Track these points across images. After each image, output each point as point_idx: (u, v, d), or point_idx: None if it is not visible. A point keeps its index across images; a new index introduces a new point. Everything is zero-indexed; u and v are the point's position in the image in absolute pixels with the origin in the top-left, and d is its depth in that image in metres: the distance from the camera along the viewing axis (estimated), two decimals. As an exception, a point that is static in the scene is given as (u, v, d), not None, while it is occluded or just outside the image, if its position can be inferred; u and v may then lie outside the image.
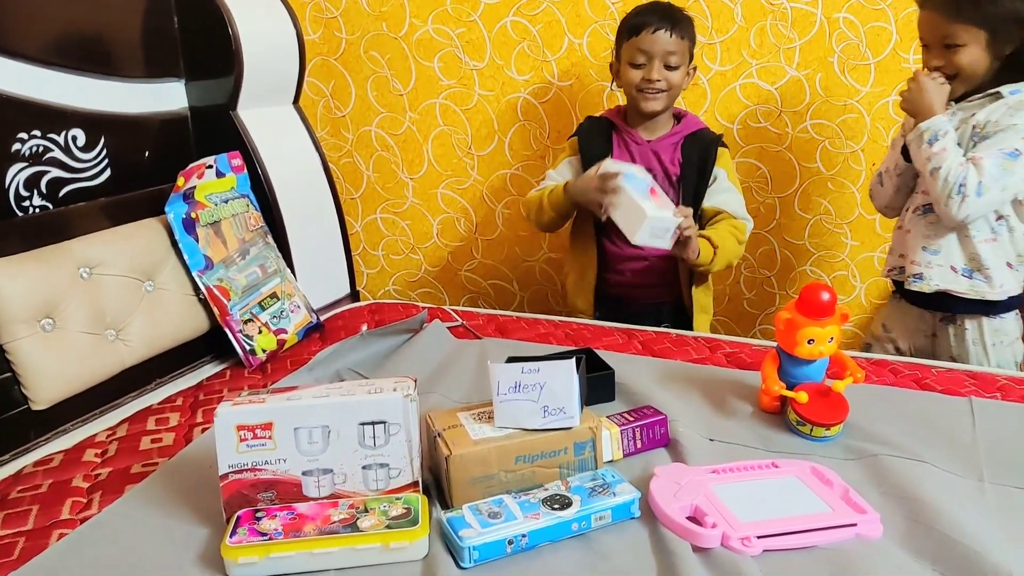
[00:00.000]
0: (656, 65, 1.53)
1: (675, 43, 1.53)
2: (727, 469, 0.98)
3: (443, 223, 2.24)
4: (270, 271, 1.50)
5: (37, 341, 1.17)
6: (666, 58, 1.53)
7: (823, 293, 1.10)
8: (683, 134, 1.62)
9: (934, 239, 1.45)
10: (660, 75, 1.53)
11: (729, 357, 1.40)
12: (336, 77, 2.16)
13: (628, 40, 1.56)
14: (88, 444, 1.14)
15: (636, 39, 1.54)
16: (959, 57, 1.38)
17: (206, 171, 1.44)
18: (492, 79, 2.04)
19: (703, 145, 1.60)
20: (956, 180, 1.34)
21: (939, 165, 1.35)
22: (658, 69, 1.53)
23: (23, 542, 0.90)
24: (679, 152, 1.60)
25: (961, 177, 1.33)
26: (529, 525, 0.85)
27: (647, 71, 1.54)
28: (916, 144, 1.39)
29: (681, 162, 1.59)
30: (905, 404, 1.18)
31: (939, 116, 1.37)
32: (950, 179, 1.34)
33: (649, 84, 1.54)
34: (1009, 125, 1.36)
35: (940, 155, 1.35)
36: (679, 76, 1.56)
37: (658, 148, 1.61)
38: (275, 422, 0.88)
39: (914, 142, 1.40)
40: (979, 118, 1.39)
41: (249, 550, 0.82)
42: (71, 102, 1.36)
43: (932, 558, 0.83)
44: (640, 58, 1.54)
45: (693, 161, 1.58)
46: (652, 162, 1.60)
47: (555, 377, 0.93)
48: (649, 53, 1.53)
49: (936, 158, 1.36)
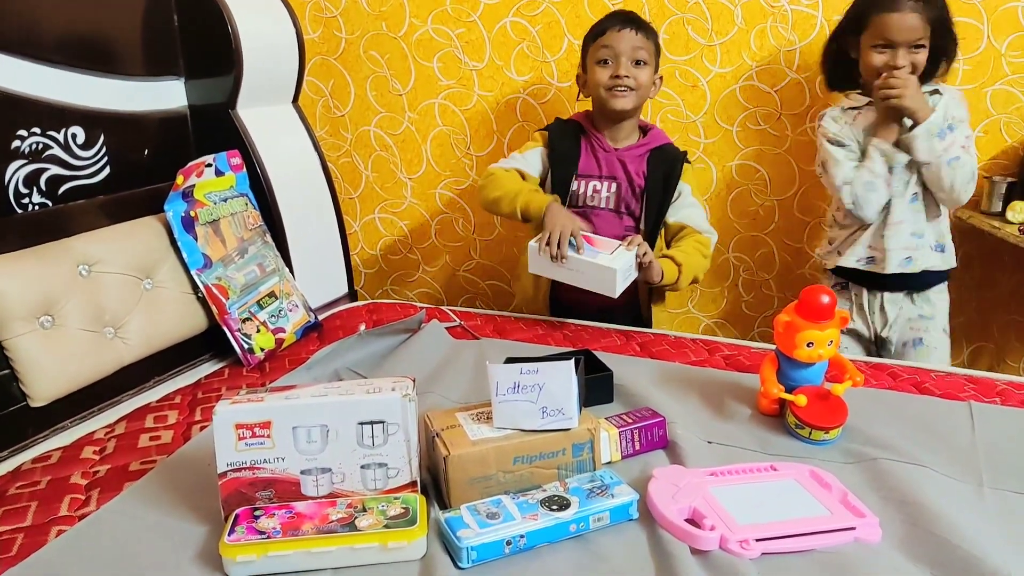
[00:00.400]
0: (623, 62, 1.54)
1: (641, 40, 1.55)
2: (726, 472, 0.98)
3: (441, 223, 2.24)
4: (268, 270, 1.50)
5: (36, 338, 1.17)
6: (634, 53, 1.54)
7: (823, 296, 1.10)
8: (650, 147, 1.63)
9: (920, 224, 1.59)
10: (628, 71, 1.54)
11: (728, 360, 1.40)
12: (335, 76, 2.16)
13: (594, 42, 1.58)
14: (87, 441, 1.14)
15: (602, 38, 1.56)
16: (919, 56, 1.50)
17: (205, 170, 1.44)
18: (491, 79, 2.04)
19: (668, 160, 1.61)
20: (970, 167, 1.50)
21: (956, 155, 1.49)
22: (626, 65, 1.54)
23: (22, 538, 0.90)
24: (645, 165, 1.61)
25: (969, 160, 1.51)
26: (527, 526, 0.85)
27: (615, 67, 1.55)
28: (926, 139, 1.49)
29: (647, 175, 1.60)
30: (904, 408, 1.19)
31: (933, 112, 1.49)
32: (967, 166, 1.50)
33: (618, 80, 1.54)
34: (963, 115, 1.56)
35: (953, 147, 1.49)
36: (647, 75, 1.57)
37: (624, 158, 1.62)
38: (274, 421, 0.88)
39: (922, 137, 1.49)
40: (939, 114, 1.53)
41: (247, 548, 0.81)
42: (71, 100, 1.36)
43: (931, 562, 0.83)
44: (606, 54, 1.55)
45: (658, 175, 1.59)
46: (618, 171, 1.61)
47: (554, 378, 0.93)
48: (616, 50, 1.54)
49: (951, 149, 1.49)
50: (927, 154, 1.50)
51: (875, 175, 1.55)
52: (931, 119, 1.48)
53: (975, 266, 1.92)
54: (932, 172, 1.52)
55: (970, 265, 1.92)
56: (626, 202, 1.60)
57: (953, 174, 1.50)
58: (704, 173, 1.99)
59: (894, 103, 1.49)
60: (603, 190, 1.61)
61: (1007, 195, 1.75)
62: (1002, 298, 1.94)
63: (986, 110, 1.78)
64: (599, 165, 1.62)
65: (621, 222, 1.61)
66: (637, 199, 1.60)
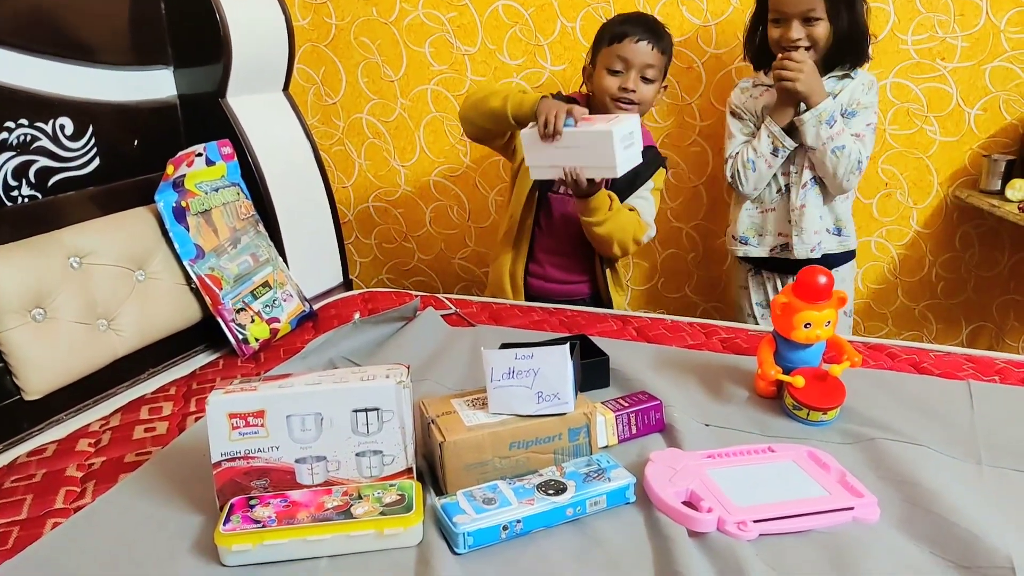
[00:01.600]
0: (634, 75, 1.54)
1: (655, 56, 1.54)
2: (723, 454, 0.97)
3: (436, 211, 2.23)
4: (262, 260, 1.49)
5: (28, 331, 1.16)
6: (644, 70, 1.54)
7: (820, 276, 1.09)
8: None
9: (821, 208, 1.62)
10: (636, 86, 1.54)
11: (725, 343, 1.40)
12: (326, 63, 2.14)
13: (609, 46, 1.55)
14: (81, 434, 1.13)
15: (618, 46, 1.53)
16: (816, 30, 1.50)
17: (196, 159, 1.43)
18: (484, 64, 2.02)
19: (645, 163, 1.57)
20: (856, 157, 1.52)
21: (842, 144, 1.50)
22: (635, 80, 1.54)
23: (17, 531, 0.89)
24: None
25: (857, 153, 1.52)
26: (524, 511, 0.84)
27: (624, 79, 1.54)
28: (814, 125, 1.50)
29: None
30: (902, 388, 1.18)
31: (828, 98, 1.50)
32: (852, 156, 1.51)
33: (625, 93, 1.54)
34: (869, 102, 1.57)
35: (841, 135, 1.50)
36: (653, 91, 1.57)
37: None
38: (267, 410, 0.87)
39: (810, 123, 1.50)
40: (843, 98, 1.55)
41: (243, 537, 0.81)
42: (58, 90, 1.34)
43: (929, 541, 0.83)
44: (619, 65, 1.54)
45: (629, 175, 1.55)
46: None
47: (549, 363, 0.93)
48: (628, 62, 1.53)
49: (839, 137, 1.50)
50: (813, 140, 1.51)
51: (757, 155, 1.58)
52: (822, 105, 1.48)
53: (974, 245, 1.91)
54: (817, 158, 1.54)
55: (969, 245, 1.91)
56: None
57: (836, 162, 1.51)
58: (700, 156, 1.98)
59: (787, 86, 1.49)
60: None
61: (1006, 173, 1.74)
62: (1001, 277, 1.93)
63: (985, 87, 1.77)
64: None
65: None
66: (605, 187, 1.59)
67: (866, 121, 1.57)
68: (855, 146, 1.52)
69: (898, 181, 1.89)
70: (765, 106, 1.61)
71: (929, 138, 1.84)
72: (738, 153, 1.62)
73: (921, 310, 2.01)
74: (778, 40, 1.53)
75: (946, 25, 1.75)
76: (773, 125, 1.55)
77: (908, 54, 1.79)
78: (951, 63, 1.77)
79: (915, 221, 1.92)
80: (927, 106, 1.82)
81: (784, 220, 1.64)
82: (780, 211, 1.65)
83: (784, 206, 1.64)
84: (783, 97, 1.53)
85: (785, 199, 1.64)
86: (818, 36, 1.50)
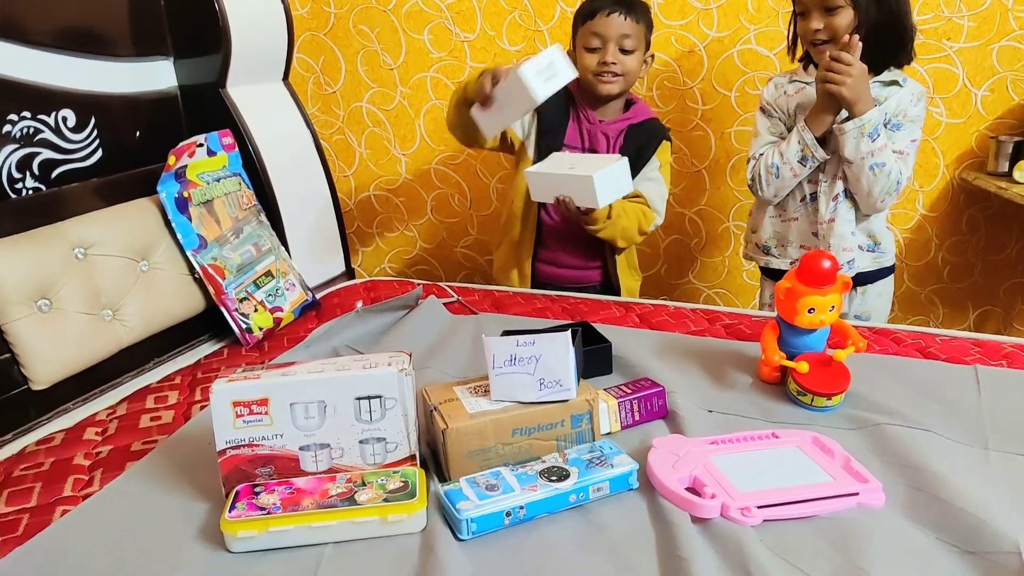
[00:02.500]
0: (611, 48, 1.52)
1: (630, 26, 1.52)
2: (726, 440, 0.97)
3: (437, 199, 2.22)
4: (264, 249, 1.49)
5: (34, 322, 1.17)
6: (621, 41, 1.52)
7: (824, 261, 1.08)
8: (630, 122, 1.62)
9: (853, 223, 1.49)
10: (615, 58, 1.53)
11: (728, 328, 1.39)
12: (326, 52, 2.13)
13: (583, 24, 1.55)
14: (88, 423, 1.14)
15: (591, 23, 1.53)
16: (838, 20, 1.37)
17: (197, 149, 1.42)
18: (484, 51, 2.01)
19: (648, 136, 1.60)
20: (895, 176, 1.39)
21: (883, 162, 1.37)
22: (613, 52, 1.52)
23: (27, 518, 0.90)
24: (622, 139, 1.61)
25: (898, 173, 1.40)
26: (527, 497, 0.84)
27: (602, 54, 1.53)
28: (855, 136, 1.36)
29: (621, 149, 1.60)
30: (908, 373, 1.17)
31: (875, 108, 1.36)
32: (891, 175, 1.39)
33: (605, 67, 1.53)
34: (916, 115, 1.43)
35: (883, 151, 1.37)
36: (635, 61, 1.55)
37: (607, 131, 1.62)
38: (271, 398, 0.87)
39: (852, 134, 1.36)
40: (890, 107, 1.42)
41: (248, 524, 0.82)
42: (60, 82, 1.34)
43: (935, 526, 0.82)
44: (595, 41, 1.53)
45: (631, 151, 1.57)
46: (600, 143, 1.63)
47: (551, 350, 0.93)
48: (604, 36, 1.52)
49: (879, 154, 1.37)
50: (852, 152, 1.38)
51: (784, 161, 1.45)
52: (867, 116, 1.35)
53: (981, 229, 1.90)
54: (853, 172, 1.41)
55: (976, 228, 1.90)
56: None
57: (873, 180, 1.38)
58: (702, 140, 1.97)
59: (832, 89, 1.34)
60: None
61: (1014, 155, 1.72)
62: (1009, 261, 1.92)
63: (992, 67, 1.75)
64: (582, 137, 1.63)
65: None
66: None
67: (911, 137, 1.43)
68: (896, 165, 1.38)
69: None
70: (799, 105, 1.48)
71: (935, 120, 1.82)
72: (763, 155, 1.49)
73: (927, 294, 2.00)
74: (803, 35, 1.43)
75: (952, 4, 1.73)
76: (807, 132, 1.41)
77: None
78: (957, 43, 1.75)
79: (921, 204, 1.91)
80: (933, 87, 1.80)
81: (808, 233, 1.52)
82: (804, 222, 1.52)
83: (809, 217, 1.51)
84: (824, 102, 1.38)
85: (811, 210, 1.50)
86: (840, 27, 1.36)
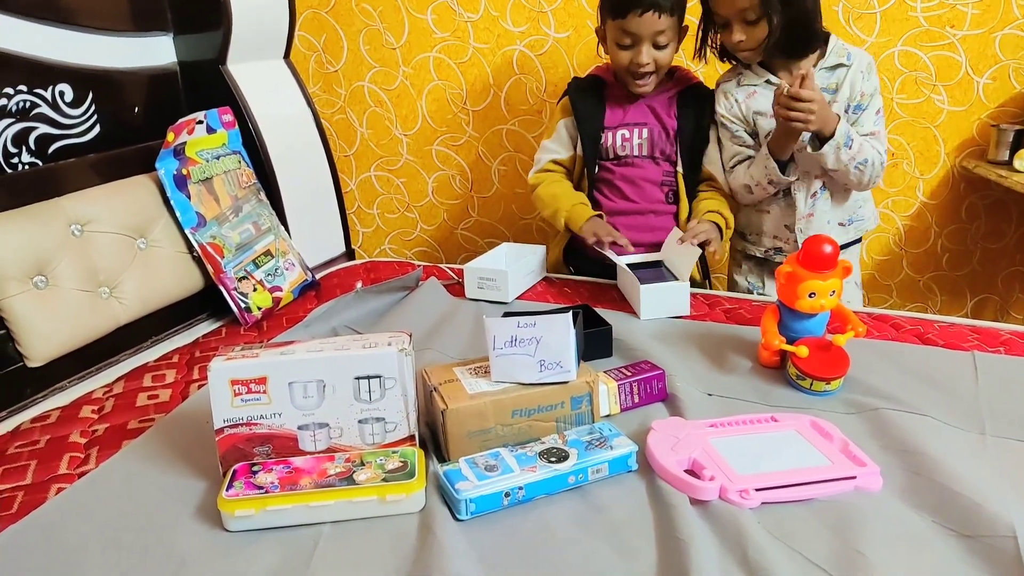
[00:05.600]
0: (645, 48, 1.46)
1: (664, 22, 1.44)
2: (726, 423, 0.97)
3: (438, 180, 2.21)
4: (264, 228, 1.48)
5: (30, 299, 1.16)
6: (655, 38, 1.46)
7: (825, 245, 1.08)
8: (678, 89, 1.58)
9: (831, 213, 1.53)
10: (649, 57, 1.47)
11: (728, 313, 1.39)
12: (327, 30, 2.11)
13: (613, 20, 1.47)
14: (85, 401, 1.14)
15: (622, 21, 1.45)
16: (758, 31, 1.40)
17: (196, 127, 1.41)
18: (487, 31, 1.99)
19: (700, 99, 1.57)
20: (878, 160, 1.44)
21: (864, 159, 1.42)
22: (647, 52, 1.46)
23: (22, 496, 0.90)
24: (675, 106, 1.56)
25: (878, 155, 1.44)
26: (526, 478, 0.84)
27: (635, 54, 1.47)
28: (833, 153, 1.39)
29: (678, 116, 1.56)
30: (907, 358, 1.18)
31: (841, 121, 1.39)
32: (876, 164, 1.44)
33: (638, 67, 1.48)
34: (872, 88, 1.46)
35: (861, 150, 1.41)
36: (669, 54, 1.50)
37: (653, 103, 1.56)
38: (269, 376, 0.87)
39: (830, 154, 1.39)
40: (844, 93, 1.44)
41: (245, 503, 0.81)
42: (57, 56, 1.33)
43: (932, 510, 0.83)
44: (627, 40, 1.47)
45: (690, 116, 1.55)
46: (648, 116, 1.56)
47: (551, 331, 0.92)
48: (637, 36, 1.45)
49: (859, 154, 1.41)
50: (834, 164, 1.41)
51: (754, 182, 1.48)
52: (838, 133, 1.36)
53: (980, 217, 1.89)
54: (839, 176, 1.45)
55: (975, 216, 1.90)
56: (660, 147, 1.56)
57: (861, 175, 1.43)
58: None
59: (799, 128, 1.35)
60: (633, 137, 1.56)
61: (1014, 143, 1.72)
62: (1007, 249, 1.92)
63: (995, 55, 1.74)
64: (625, 113, 1.57)
65: (659, 168, 1.58)
66: (672, 142, 1.56)
67: (875, 109, 1.46)
68: (874, 152, 1.42)
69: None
70: (755, 112, 1.49)
71: (937, 107, 1.81)
72: (734, 172, 1.53)
73: (926, 281, 2.00)
74: (729, 46, 1.46)
75: (957, -9, 1.71)
76: (770, 160, 1.42)
77: (917, 21, 1.75)
78: (961, 31, 1.74)
79: (921, 192, 1.91)
80: (935, 75, 1.79)
81: (780, 225, 1.55)
82: (776, 214, 1.54)
83: (783, 211, 1.53)
84: (786, 130, 1.38)
85: (785, 204, 1.53)
86: (760, 37, 1.40)
